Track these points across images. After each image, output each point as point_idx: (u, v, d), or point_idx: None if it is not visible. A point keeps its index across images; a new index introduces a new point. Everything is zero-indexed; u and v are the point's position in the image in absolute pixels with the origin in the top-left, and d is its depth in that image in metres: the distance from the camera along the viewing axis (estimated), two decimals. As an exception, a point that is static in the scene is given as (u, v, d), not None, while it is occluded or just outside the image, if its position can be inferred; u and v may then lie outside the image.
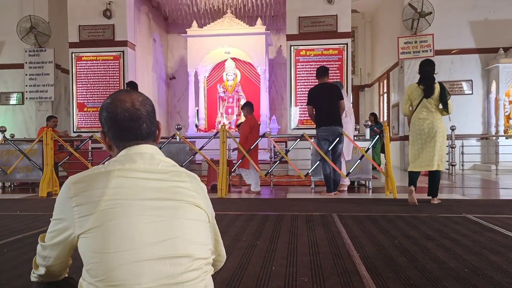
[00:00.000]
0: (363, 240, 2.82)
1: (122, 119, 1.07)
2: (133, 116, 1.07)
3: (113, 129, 1.09)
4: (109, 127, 1.09)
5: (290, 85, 8.23)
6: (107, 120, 1.09)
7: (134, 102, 1.08)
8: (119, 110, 1.07)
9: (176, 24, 12.15)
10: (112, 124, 1.08)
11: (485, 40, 9.19)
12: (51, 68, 9.45)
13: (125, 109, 1.07)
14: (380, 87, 11.97)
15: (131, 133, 1.08)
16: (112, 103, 1.08)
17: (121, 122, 1.07)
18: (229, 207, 4.42)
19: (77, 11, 8.65)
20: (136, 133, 1.08)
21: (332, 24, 8.11)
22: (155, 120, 1.14)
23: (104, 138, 1.13)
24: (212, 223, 1.16)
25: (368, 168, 5.94)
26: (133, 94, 1.11)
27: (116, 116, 1.07)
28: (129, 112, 1.07)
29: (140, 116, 1.08)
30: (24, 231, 3.29)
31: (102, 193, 0.96)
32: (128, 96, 1.10)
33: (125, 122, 1.07)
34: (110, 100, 1.10)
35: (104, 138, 1.13)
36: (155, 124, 1.13)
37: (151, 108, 1.12)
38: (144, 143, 1.09)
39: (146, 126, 1.09)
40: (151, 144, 1.11)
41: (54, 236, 1.04)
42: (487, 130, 9.20)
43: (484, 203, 4.59)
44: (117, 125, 1.08)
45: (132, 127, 1.07)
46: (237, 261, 2.35)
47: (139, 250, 0.94)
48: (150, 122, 1.10)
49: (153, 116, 1.12)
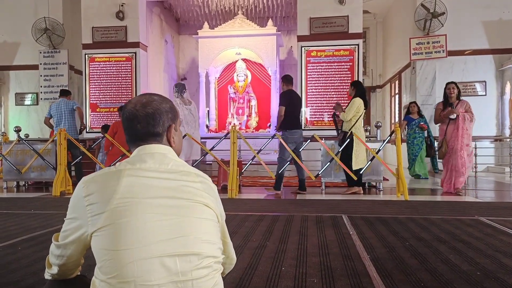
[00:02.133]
0: (373, 242, 2.81)
1: (124, 120, 1.14)
2: (130, 117, 1.12)
3: (126, 132, 1.15)
4: (123, 127, 1.17)
5: (301, 86, 8.21)
6: (123, 124, 1.16)
7: (137, 104, 1.12)
8: (125, 111, 1.14)
9: (188, 25, 12.23)
10: (125, 128, 1.15)
11: (499, 41, 9.05)
12: (65, 69, 9.60)
13: (127, 110, 1.13)
14: (391, 88, 11.87)
15: (129, 133, 1.13)
16: (125, 106, 1.15)
17: (124, 122, 1.14)
18: (239, 207, 4.43)
19: (90, 12, 8.78)
20: (131, 133, 1.13)
21: (343, 25, 8.08)
22: (162, 121, 1.13)
23: None
24: (221, 224, 1.17)
25: (379, 170, 5.90)
26: (143, 96, 1.15)
27: (122, 117, 1.15)
28: (129, 112, 1.12)
29: (136, 116, 1.11)
30: (38, 229, 3.35)
31: (113, 191, 0.99)
32: (138, 98, 1.15)
33: (125, 123, 1.14)
34: (126, 104, 1.17)
35: None
36: (160, 125, 1.12)
37: (154, 110, 1.11)
38: (154, 143, 1.12)
39: (140, 127, 1.11)
40: (163, 144, 1.13)
41: (68, 235, 1.07)
42: (501, 132, 9.05)
43: (497, 206, 4.52)
44: (124, 126, 1.15)
45: (129, 127, 1.13)
46: (247, 261, 2.36)
47: (149, 247, 0.96)
48: (147, 123, 1.10)
49: (157, 118, 1.12)
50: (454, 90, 5.44)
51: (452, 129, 5.35)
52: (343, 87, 8.13)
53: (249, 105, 11.06)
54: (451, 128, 5.35)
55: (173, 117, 1.16)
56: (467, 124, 5.30)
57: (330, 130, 7.85)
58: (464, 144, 5.29)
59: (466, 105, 5.41)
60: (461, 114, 5.30)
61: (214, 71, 11.12)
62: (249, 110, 11.07)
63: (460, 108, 5.36)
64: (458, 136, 5.26)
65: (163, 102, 1.15)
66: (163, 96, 1.18)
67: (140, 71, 8.81)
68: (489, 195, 5.62)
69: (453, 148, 5.32)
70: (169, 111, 1.15)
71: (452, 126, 5.36)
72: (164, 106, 1.14)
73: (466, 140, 5.30)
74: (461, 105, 5.40)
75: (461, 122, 5.28)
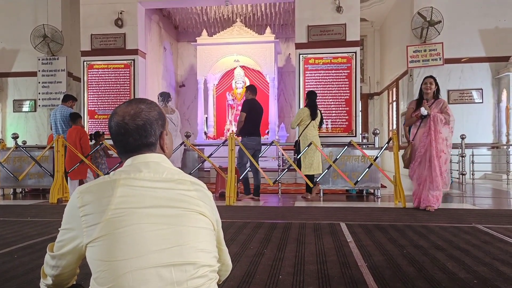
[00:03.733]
0: (371, 249, 2.81)
1: (113, 132, 1.12)
2: (120, 130, 1.10)
3: (113, 141, 1.14)
4: (111, 138, 1.15)
5: (299, 93, 8.24)
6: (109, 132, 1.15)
7: (125, 116, 1.09)
8: (112, 123, 1.11)
9: (186, 33, 12.29)
10: (111, 136, 1.14)
11: (496, 49, 9.12)
12: (63, 76, 9.62)
13: (115, 123, 1.10)
14: (389, 95, 11.92)
15: (120, 145, 1.12)
16: (110, 116, 1.13)
17: (113, 135, 1.12)
18: (237, 214, 4.43)
19: (89, 20, 8.82)
20: (124, 145, 1.11)
21: (341, 33, 8.14)
22: (154, 131, 1.11)
23: None
24: (217, 231, 1.17)
25: (377, 177, 5.91)
26: (130, 106, 1.11)
27: (110, 129, 1.13)
28: (118, 126, 1.10)
29: (127, 130, 1.09)
30: (34, 237, 3.33)
31: (108, 202, 0.99)
32: (124, 108, 1.11)
33: (114, 136, 1.12)
34: (112, 113, 1.14)
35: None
36: (152, 135, 1.11)
37: (144, 121, 1.10)
38: (147, 153, 1.11)
39: (133, 140, 1.09)
40: (156, 153, 1.13)
41: (63, 245, 1.06)
42: (498, 139, 9.09)
43: (495, 213, 4.53)
44: (112, 138, 1.13)
45: (120, 140, 1.10)
46: (244, 269, 2.36)
47: (145, 257, 0.96)
48: (139, 135, 1.09)
49: (149, 129, 1.10)
50: (431, 85, 4.65)
51: (422, 132, 4.59)
52: (341, 95, 8.17)
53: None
54: (422, 131, 4.60)
55: (162, 123, 1.15)
56: (440, 127, 4.49)
57: (328, 137, 7.88)
58: (439, 151, 4.47)
59: (442, 105, 4.62)
60: (433, 114, 4.52)
61: (212, 78, 11.16)
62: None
63: (435, 108, 4.60)
64: (430, 141, 4.49)
65: (151, 110, 1.13)
66: (149, 102, 1.15)
67: (139, 78, 8.84)
68: (486, 202, 5.63)
69: (424, 155, 4.56)
70: (158, 119, 1.13)
71: (422, 129, 4.61)
72: (153, 115, 1.12)
73: (440, 145, 4.48)
74: (437, 104, 4.62)
75: (432, 124, 4.49)
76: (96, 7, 8.76)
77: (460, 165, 7.72)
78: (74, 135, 6.05)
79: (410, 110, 4.78)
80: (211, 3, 9.67)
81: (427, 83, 4.70)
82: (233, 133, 5.68)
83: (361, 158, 5.97)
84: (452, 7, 9.03)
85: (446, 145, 4.53)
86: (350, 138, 7.06)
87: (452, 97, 9.09)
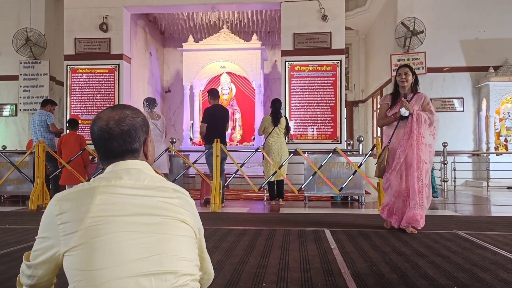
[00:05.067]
0: (354, 256, 2.82)
1: (96, 137, 1.09)
2: (104, 135, 1.08)
3: (94, 147, 1.11)
4: (93, 144, 1.12)
5: (284, 100, 8.29)
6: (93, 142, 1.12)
7: (109, 121, 1.08)
8: (95, 128, 1.09)
9: (173, 38, 12.26)
10: (93, 142, 1.11)
11: (476, 59, 9.37)
12: (45, 80, 9.45)
13: (99, 128, 1.08)
14: (373, 103, 12.09)
15: (102, 151, 1.09)
16: (95, 121, 1.11)
17: (96, 140, 1.10)
18: (221, 221, 4.40)
19: (73, 24, 8.71)
20: (107, 151, 1.09)
21: (326, 41, 8.24)
22: (138, 137, 1.11)
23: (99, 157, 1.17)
24: (199, 239, 1.16)
25: (361, 184, 5.96)
26: (114, 111, 1.10)
27: (93, 135, 1.10)
28: (102, 131, 1.08)
29: (111, 135, 1.07)
30: (13, 244, 3.24)
31: (87, 210, 0.97)
32: (108, 113, 1.10)
33: (97, 141, 1.09)
34: (95, 117, 1.12)
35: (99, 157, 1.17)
36: (136, 141, 1.10)
37: (129, 127, 1.09)
38: (130, 159, 1.09)
39: (117, 145, 1.08)
40: (139, 160, 1.11)
41: (39, 254, 1.03)
42: (478, 147, 9.30)
43: (475, 220, 4.61)
44: (94, 143, 1.10)
45: (102, 145, 1.08)
46: (227, 277, 2.34)
47: (124, 266, 0.94)
48: (123, 140, 1.08)
49: (133, 135, 1.09)
50: (407, 76, 3.70)
51: (401, 134, 3.68)
52: (326, 102, 8.25)
53: (233, 118, 11.07)
54: (401, 132, 3.69)
55: (147, 130, 1.14)
56: (423, 129, 3.60)
57: (314, 144, 7.93)
58: (421, 160, 3.59)
59: (424, 101, 3.71)
60: (416, 112, 3.61)
61: (198, 84, 11.13)
62: (233, 123, 11.08)
63: (415, 104, 3.69)
64: (412, 146, 3.60)
65: (136, 116, 1.12)
66: (134, 108, 1.14)
67: (124, 83, 8.75)
68: (467, 209, 5.73)
69: (404, 163, 3.66)
70: (143, 125, 1.13)
71: (401, 130, 3.68)
72: (138, 121, 1.11)
73: (424, 153, 3.59)
74: (417, 100, 3.71)
75: (414, 125, 3.59)
76: (80, 11, 8.67)
77: (442, 172, 7.85)
78: (73, 140, 6.04)
79: (384, 108, 3.87)
80: (197, 9, 9.68)
81: (401, 74, 3.73)
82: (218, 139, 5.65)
83: (345, 165, 6.02)
84: (434, 18, 9.25)
85: (429, 153, 3.66)
86: (335, 145, 7.12)
87: (435, 105, 9.24)
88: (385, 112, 3.85)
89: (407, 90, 3.79)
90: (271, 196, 6.01)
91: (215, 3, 8.69)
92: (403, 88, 3.79)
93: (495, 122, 9.18)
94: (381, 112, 3.92)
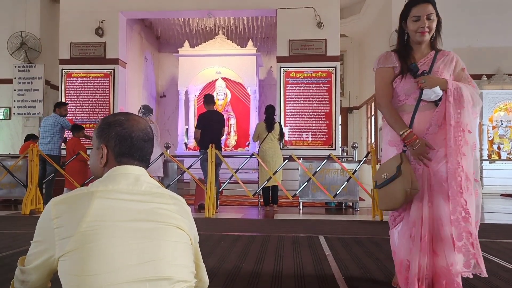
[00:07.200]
0: (348, 263, 2.82)
1: (137, 137, 1.11)
2: (145, 138, 1.14)
3: (123, 146, 1.10)
4: (118, 142, 1.10)
5: (279, 106, 8.32)
6: (118, 136, 1.10)
7: (146, 125, 1.16)
8: (135, 128, 1.12)
9: (168, 43, 12.27)
10: (123, 140, 1.10)
11: (469, 67, 9.21)
12: (40, 84, 9.40)
13: (140, 129, 1.13)
14: (368, 110, 12.16)
15: (140, 152, 1.13)
16: (129, 120, 1.12)
17: (136, 140, 1.11)
18: (215, 227, 4.38)
19: (69, 28, 8.69)
20: (143, 154, 1.14)
21: (322, 48, 8.29)
22: None
23: (106, 153, 1.10)
24: (195, 247, 1.16)
25: (355, 190, 5.98)
26: (139, 118, 1.19)
27: (131, 133, 1.11)
28: (144, 132, 1.13)
29: (150, 138, 1.16)
30: (4, 249, 3.20)
31: (83, 214, 0.96)
32: (140, 118, 1.18)
33: (139, 141, 1.12)
34: (124, 118, 1.13)
35: (106, 153, 1.10)
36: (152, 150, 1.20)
37: (152, 134, 1.20)
38: (139, 165, 1.12)
39: (151, 151, 1.17)
40: (142, 167, 1.13)
41: (34, 259, 1.03)
42: (472, 154, 9.37)
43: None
44: (130, 143, 1.11)
45: (143, 147, 1.13)
46: (221, 283, 2.33)
47: (119, 272, 0.93)
48: (152, 147, 1.18)
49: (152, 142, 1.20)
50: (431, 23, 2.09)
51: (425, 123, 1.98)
52: (321, 108, 8.28)
53: (228, 124, 11.08)
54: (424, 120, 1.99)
55: None
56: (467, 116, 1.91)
57: (308, 150, 7.94)
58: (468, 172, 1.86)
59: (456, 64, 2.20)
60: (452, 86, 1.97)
61: (194, 89, 11.14)
62: (228, 128, 11.09)
63: (445, 70, 2.10)
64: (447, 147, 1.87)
65: None
66: None
67: (119, 88, 8.73)
68: (460, 215, 5.75)
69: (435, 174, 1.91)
70: None
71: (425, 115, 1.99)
72: None
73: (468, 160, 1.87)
74: (445, 63, 2.14)
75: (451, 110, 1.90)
76: (76, 15, 8.66)
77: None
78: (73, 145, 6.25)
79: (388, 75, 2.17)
80: (193, 15, 9.71)
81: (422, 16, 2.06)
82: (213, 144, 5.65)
83: (340, 171, 6.04)
84: (428, 26, 9.35)
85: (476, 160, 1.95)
86: (329, 151, 7.14)
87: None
88: (391, 84, 2.14)
89: (426, 46, 2.17)
90: (265, 202, 6.01)
91: (211, 9, 8.73)
92: (420, 43, 2.14)
93: (488, 130, 9.27)
94: (383, 83, 2.17)
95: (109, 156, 1.11)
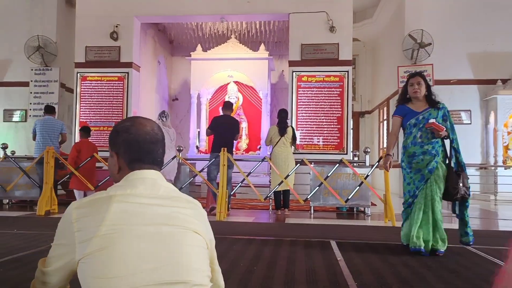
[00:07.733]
0: (361, 268, 2.81)
1: (143, 141, 1.12)
2: (153, 140, 1.13)
3: (132, 152, 1.12)
4: (127, 148, 1.12)
5: (291, 110, 8.31)
6: (126, 142, 1.12)
7: (153, 127, 1.15)
8: (141, 132, 1.12)
9: (181, 47, 12.39)
10: (131, 146, 1.11)
11: (484, 72, 9.35)
12: (56, 87, 9.58)
13: (146, 132, 1.13)
14: (380, 114, 12.07)
15: (150, 156, 1.13)
16: (134, 125, 1.13)
17: (142, 144, 1.12)
18: (228, 230, 4.40)
19: (84, 32, 8.85)
20: (153, 156, 1.14)
21: (334, 52, 8.28)
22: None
23: (116, 160, 1.14)
24: (211, 250, 1.17)
25: (367, 195, 5.94)
26: (149, 119, 1.19)
27: (137, 138, 1.12)
28: (150, 135, 1.13)
29: (158, 139, 1.15)
30: (21, 250, 3.27)
31: (102, 218, 0.98)
32: (146, 120, 1.17)
33: (146, 145, 1.12)
34: (130, 123, 1.14)
35: (116, 160, 1.14)
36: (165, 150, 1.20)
37: (164, 135, 1.19)
38: (152, 168, 1.13)
39: (161, 151, 1.16)
40: (156, 170, 1.14)
41: (55, 261, 1.05)
42: (486, 160, 9.23)
43: (484, 235, 4.56)
44: (138, 147, 1.11)
45: (152, 149, 1.13)
46: (235, 287, 2.34)
47: (137, 275, 0.95)
48: (164, 147, 1.17)
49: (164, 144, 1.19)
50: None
51: None
52: (333, 112, 8.26)
53: (240, 127, 11.11)
54: None
55: None
56: None
57: (320, 154, 7.92)
58: None
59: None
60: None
61: (206, 92, 11.21)
62: (240, 132, 11.11)
63: None
64: None
65: None
66: None
67: (132, 91, 8.84)
68: (475, 223, 5.67)
69: None
70: None
71: None
72: None
73: None
74: None
75: None
76: (92, 19, 8.81)
77: (449, 185, 7.79)
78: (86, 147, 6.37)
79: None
80: (206, 20, 9.79)
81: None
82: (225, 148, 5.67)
83: (352, 176, 6.01)
84: (442, 30, 9.26)
85: None
86: (341, 155, 7.12)
87: (442, 117, 9.25)
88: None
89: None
90: (276, 205, 6.01)
91: (224, 14, 8.79)
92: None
93: (503, 135, 9.11)
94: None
95: (121, 163, 1.13)
